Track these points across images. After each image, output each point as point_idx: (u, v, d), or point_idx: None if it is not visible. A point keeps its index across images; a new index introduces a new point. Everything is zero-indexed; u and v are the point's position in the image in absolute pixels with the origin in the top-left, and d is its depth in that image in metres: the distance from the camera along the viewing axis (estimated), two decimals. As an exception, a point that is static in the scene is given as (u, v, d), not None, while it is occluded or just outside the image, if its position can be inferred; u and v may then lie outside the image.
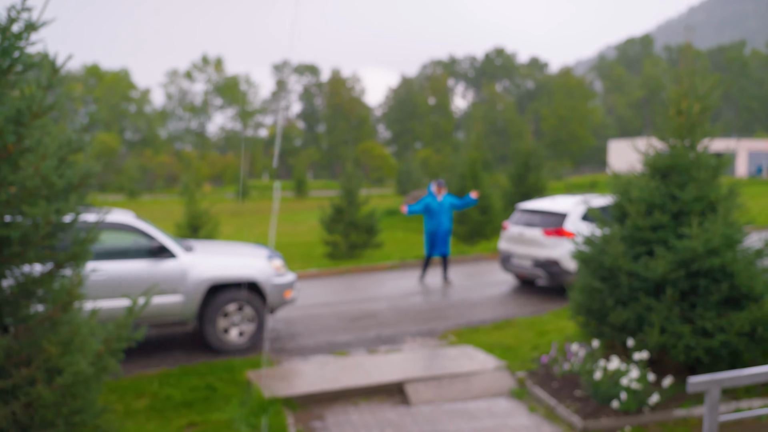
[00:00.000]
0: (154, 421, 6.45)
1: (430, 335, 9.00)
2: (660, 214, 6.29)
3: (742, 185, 7.24)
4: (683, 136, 6.58)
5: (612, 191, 6.89)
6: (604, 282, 6.64)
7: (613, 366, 6.17)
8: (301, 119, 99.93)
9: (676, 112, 6.66)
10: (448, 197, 12.29)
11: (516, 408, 6.49)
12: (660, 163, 6.55)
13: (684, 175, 6.44)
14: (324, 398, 6.70)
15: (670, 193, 6.42)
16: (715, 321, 6.03)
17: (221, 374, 7.52)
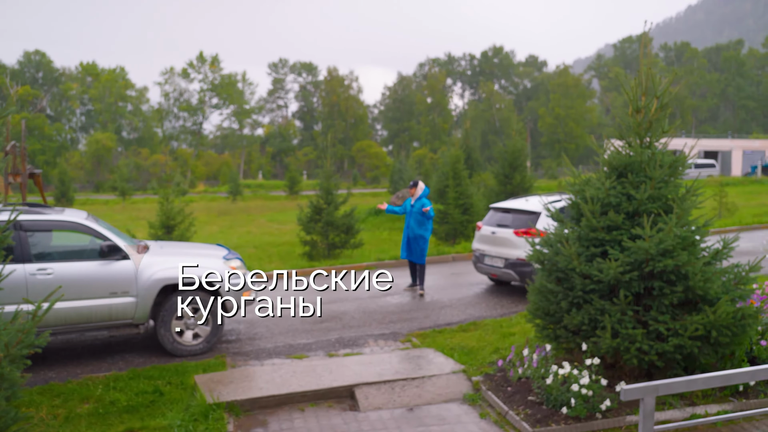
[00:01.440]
0: (95, 427, 6.26)
1: (393, 338, 8.81)
2: (614, 214, 6.08)
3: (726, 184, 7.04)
4: (641, 134, 6.37)
5: (570, 191, 6.69)
6: (559, 284, 6.44)
7: (564, 371, 5.98)
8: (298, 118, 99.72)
9: (634, 110, 6.45)
10: (420, 203, 11.16)
11: (467, 414, 6.29)
12: (616, 162, 6.35)
13: (640, 174, 6.23)
14: (270, 403, 6.49)
15: (626, 192, 6.21)
16: (670, 324, 5.82)
17: (171, 378, 7.33)
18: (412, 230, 11.14)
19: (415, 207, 11.15)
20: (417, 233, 11.10)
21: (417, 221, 11.10)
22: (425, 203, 11.12)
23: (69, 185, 43.80)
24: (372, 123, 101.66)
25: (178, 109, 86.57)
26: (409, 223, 11.20)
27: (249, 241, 19.77)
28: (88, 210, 29.90)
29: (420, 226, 11.09)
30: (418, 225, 11.10)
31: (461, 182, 17.13)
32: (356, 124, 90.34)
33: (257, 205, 35.78)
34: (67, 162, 72.88)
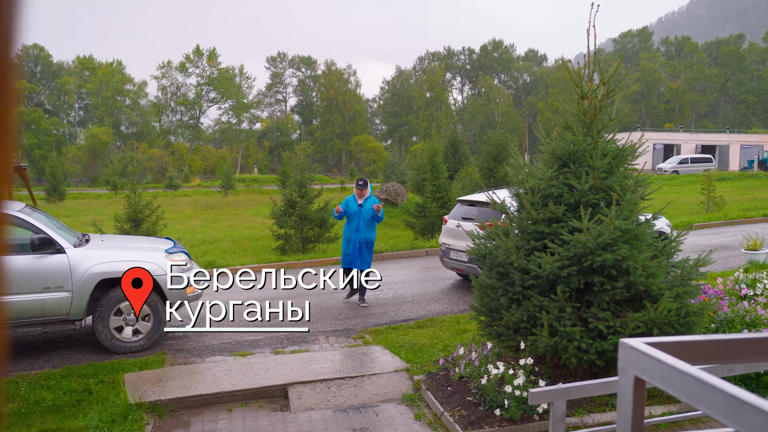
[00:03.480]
0: (14, 427, 5.98)
1: (346, 334, 8.52)
2: (554, 206, 5.77)
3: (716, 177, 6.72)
4: (586, 122, 6.05)
5: (513, 181, 6.38)
6: (500, 279, 6.14)
7: (498, 371, 5.68)
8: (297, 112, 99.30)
9: (579, 96, 6.13)
10: (370, 202, 9.96)
11: (402, 414, 5.99)
12: (559, 151, 6.04)
13: (583, 164, 5.92)
14: (197, 403, 6.21)
15: (568, 183, 5.90)
16: (611, 322, 5.52)
17: (105, 376, 7.06)
18: (362, 233, 9.85)
19: (365, 207, 9.90)
20: (369, 237, 9.90)
21: (367, 223, 9.89)
22: (376, 201, 10.04)
23: (60, 179, 43.48)
24: (371, 117, 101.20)
25: (175, 104, 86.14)
26: (358, 226, 9.85)
27: (228, 235, 19.46)
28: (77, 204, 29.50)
29: (370, 228, 9.94)
30: (369, 228, 9.92)
31: (439, 175, 16.79)
32: (354, 118, 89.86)
33: (246, 199, 35.46)
34: (64, 156, 72.68)
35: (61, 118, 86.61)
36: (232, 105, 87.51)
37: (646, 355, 1.85)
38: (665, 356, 1.84)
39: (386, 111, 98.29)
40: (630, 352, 1.91)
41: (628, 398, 1.88)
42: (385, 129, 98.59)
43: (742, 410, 1.43)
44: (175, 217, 26.17)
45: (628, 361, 1.90)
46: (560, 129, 6.27)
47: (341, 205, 9.98)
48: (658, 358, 1.81)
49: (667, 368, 1.78)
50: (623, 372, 1.94)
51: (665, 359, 1.80)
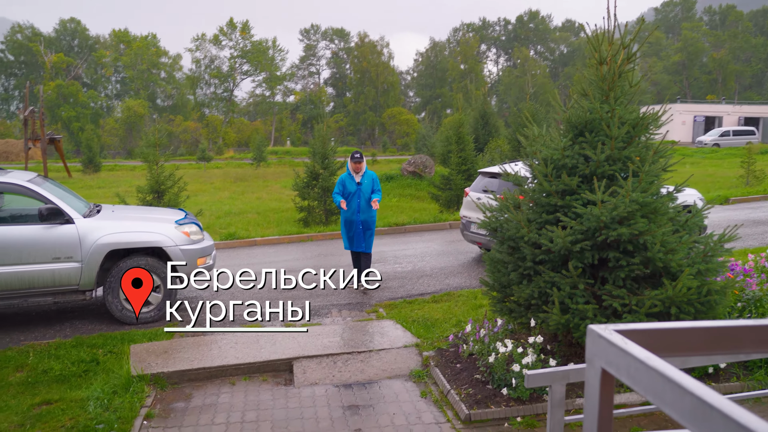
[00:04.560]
0: (20, 396, 5.98)
1: (360, 308, 8.36)
2: (568, 177, 5.46)
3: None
4: (604, 88, 5.70)
5: (526, 152, 6.08)
6: (511, 254, 5.88)
7: (506, 349, 5.45)
8: (330, 85, 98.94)
9: (597, 62, 5.77)
10: (368, 178, 9.08)
11: (408, 391, 5.82)
12: (575, 120, 5.70)
13: (600, 134, 5.58)
14: (200, 376, 6.12)
15: (583, 153, 5.58)
16: (626, 299, 5.23)
17: (114, 347, 7.03)
18: (363, 213, 8.98)
19: (365, 184, 9.02)
20: (369, 217, 9.04)
21: (367, 202, 9.00)
22: (375, 178, 9.18)
23: (96, 151, 44.04)
24: (404, 90, 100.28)
25: (209, 76, 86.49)
26: (359, 206, 8.96)
27: (254, 207, 19.40)
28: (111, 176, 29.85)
29: (370, 207, 9.03)
30: (369, 207, 9.01)
31: (465, 147, 16.41)
32: (387, 90, 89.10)
33: (277, 172, 35.40)
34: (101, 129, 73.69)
35: (99, 91, 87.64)
36: (265, 77, 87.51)
37: (613, 345, 1.60)
38: (633, 347, 1.58)
39: (420, 83, 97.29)
40: (597, 341, 1.66)
41: (595, 393, 1.64)
42: (419, 101, 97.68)
43: (709, 417, 1.19)
44: (205, 189, 26.28)
45: (595, 351, 1.66)
46: (577, 97, 5.93)
47: (337, 185, 9.15)
48: (625, 348, 1.56)
49: (634, 361, 1.53)
50: (590, 363, 1.69)
51: (632, 350, 1.55)
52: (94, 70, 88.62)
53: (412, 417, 5.30)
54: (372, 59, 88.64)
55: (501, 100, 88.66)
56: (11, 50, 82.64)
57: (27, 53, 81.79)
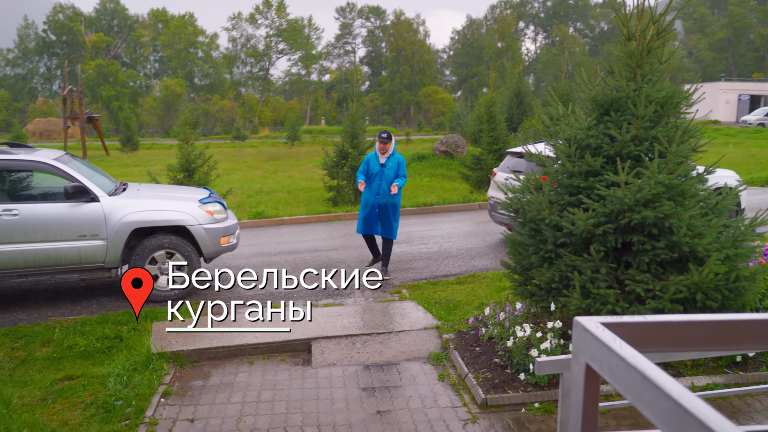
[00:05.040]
0: (45, 371, 6.09)
1: (383, 288, 8.31)
2: (591, 158, 5.29)
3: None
4: (631, 65, 5.48)
5: (550, 131, 5.91)
6: (533, 236, 5.75)
7: (525, 333, 5.35)
8: (365, 63, 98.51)
9: (626, 38, 5.55)
10: (393, 160, 8.59)
11: (425, 374, 5.76)
12: (601, 98, 5.51)
13: (626, 113, 5.38)
14: (219, 355, 6.16)
15: (608, 133, 5.39)
16: (650, 285, 5.07)
17: (138, 324, 7.10)
18: (384, 196, 8.50)
19: (389, 166, 8.54)
20: (391, 201, 8.55)
21: (390, 185, 8.51)
22: (401, 162, 8.67)
23: (134, 130, 44.66)
24: (440, 68, 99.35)
25: (245, 55, 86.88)
26: (380, 187, 8.48)
27: (285, 186, 19.46)
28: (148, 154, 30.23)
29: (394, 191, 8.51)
30: (391, 190, 8.49)
31: (496, 126, 16.15)
32: (423, 69, 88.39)
33: (310, 151, 35.44)
34: (140, 108, 74.75)
35: (138, 70, 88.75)
36: (301, 56, 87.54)
37: (597, 339, 1.50)
38: (617, 343, 1.48)
39: (456, 62, 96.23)
40: (583, 334, 1.56)
41: (579, 389, 1.54)
42: (455, 80, 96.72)
43: (684, 422, 1.09)
44: (238, 168, 26.46)
45: (580, 345, 1.55)
46: (604, 74, 5.72)
47: (362, 163, 8.72)
48: (608, 344, 1.46)
49: (615, 358, 1.43)
50: (575, 357, 1.60)
51: (614, 346, 1.44)
52: (133, 50, 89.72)
53: (428, 400, 5.24)
54: (408, 37, 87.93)
55: (538, 79, 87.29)
56: (53, 30, 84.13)
57: (68, 33, 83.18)
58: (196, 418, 4.98)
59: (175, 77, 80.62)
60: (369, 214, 8.58)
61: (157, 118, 75.78)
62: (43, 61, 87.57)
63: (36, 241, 7.29)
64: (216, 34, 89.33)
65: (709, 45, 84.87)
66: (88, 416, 5.06)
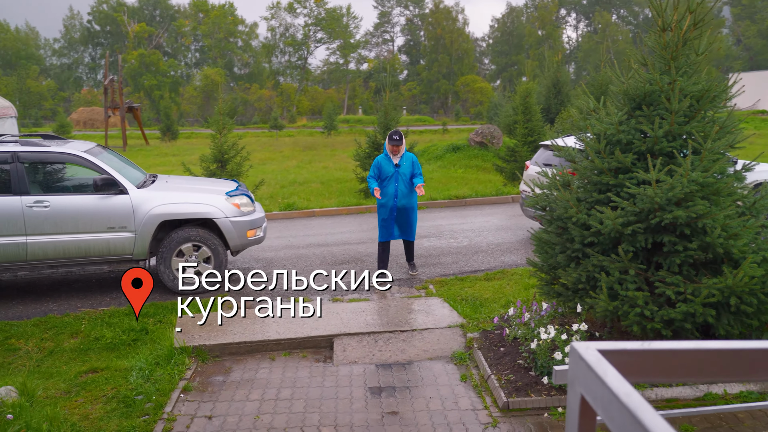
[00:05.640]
0: (72, 363, 6.17)
1: (410, 284, 8.21)
2: (621, 154, 5.09)
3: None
4: (666, 58, 5.25)
5: (579, 125, 5.71)
6: (560, 235, 5.57)
7: (549, 335, 5.19)
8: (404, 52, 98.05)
9: (661, 28, 5.32)
10: (408, 160, 8.09)
11: (447, 374, 5.65)
12: (633, 91, 5.29)
13: (659, 107, 5.16)
14: (241, 350, 6.14)
15: (640, 128, 5.18)
16: (681, 287, 4.86)
17: (164, 317, 7.17)
18: (403, 198, 8.06)
19: (403, 167, 8.03)
20: (409, 203, 8.13)
21: (408, 186, 8.07)
22: (415, 161, 8.17)
23: (174, 119, 45.25)
24: (479, 57, 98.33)
25: (284, 44, 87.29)
26: (397, 189, 8.01)
27: (319, 177, 19.47)
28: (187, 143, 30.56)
29: (411, 192, 8.12)
30: (410, 191, 8.10)
31: (531, 117, 15.84)
32: (461, 57, 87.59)
33: (346, 141, 35.43)
34: (181, 97, 75.77)
35: (179, 60, 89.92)
36: (339, 45, 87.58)
37: (591, 369, 1.37)
38: (611, 374, 1.35)
39: (495, 50, 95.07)
40: (578, 363, 1.43)
41: (574, 423, 1.42)
42: (494, 69, 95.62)
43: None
44: (273, 157, 26.61)
45: (576, 374, 1.43)
46: (638, 66, 5.50)
47: (372, 167, 8.18)
48: (601, 376, 1.33)
49: (608, 393, 1.30)
50: (571, 387, 1.47)
51: (608, 379, 1.31)
52: (174, 39, 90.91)
53: (449, 402, 5.13)
54: (446, 26, 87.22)
55: (579, 68, 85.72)
56: (98, 20, 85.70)
57: (112, 23, 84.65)
58: (214, 415, 4.96)
59: (214, 66, 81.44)
60: (390, 219, 8.16)
61: (197, 108, 76.71)
62: (87, 51, 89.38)
63: (66, 232, 7.37)
64: (255, 23, 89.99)
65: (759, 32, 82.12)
66: (108, 410, 5.09)
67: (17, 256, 7.35)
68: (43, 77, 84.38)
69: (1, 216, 7.21)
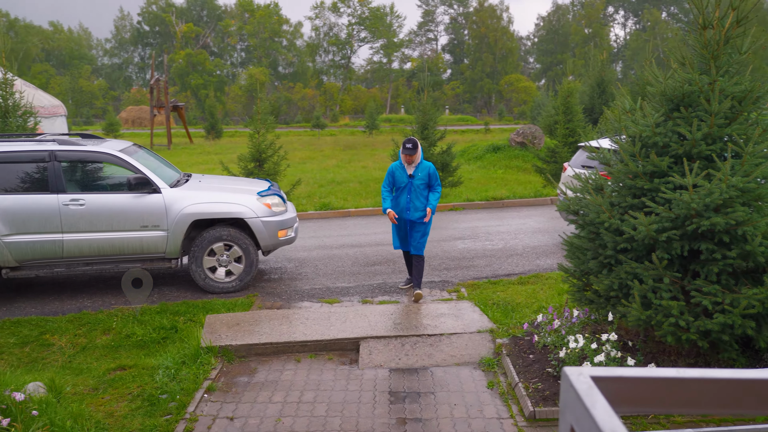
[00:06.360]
0: (102, 360, 6.25)
1: (441, 287, 8.09)
2: (657, 158, 4.89)
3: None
4: (706, 57, 5.02)
5: (614, 127, 5.52)
6: (592, 240, 5.39)
7: (577, 344, 5.02)
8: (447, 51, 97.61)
9: (701, 26, 5.09)
10: (423, 170, 7.37)
11: (474, 381, 5.53)
12: (671, 92, 5.08)
13: (698, 109, 4.94)
14: (267, 351, 6.12)
15: (677, 130, 4.97)
16: (719, 297, 4.64)
17: (194, 315, 7.20)
18: (415, 212, 7.36)
19: (418, 177, 7.35)
20: (422, 217, 7.40)
21: (421, 199, 7.40)
22: (432, 172, 7.42)
23: (218, 118, 45.89)
24: (523, 56, 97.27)
25: (327, 44, 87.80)
26: (409, 202, 7.36)
27: (357, 176, 19.44)
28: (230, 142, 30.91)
29: (425, 205, 7.43)
30: (423, 205, 7.41)
31: (573, 118, 15.51)
32: (505, 56, 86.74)
33: (387, 140, 35.34)
34: (227, 96, 76.91)
35: (225, 59, 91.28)
36: (382, 44, 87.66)
37: (581, 400, 1.27)
38: (599, 407, 1.25)
39: (540, 49, 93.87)
40: (569, 390, 1.32)
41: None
42: (539, 68, 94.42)
43: None
44: (313, 156, 26.72)
45: (566, 402, 1.32)
46: (677, 65, 5.28)
47: (386, 176, 7.51)
48: (588, 407, 1.23)
49: (594, 427, 1.20)
50: (562, 416, 1.37)
51: (596, 413, 1.21)
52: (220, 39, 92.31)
53: (473, 409, 5.01)
54: (491, 24, 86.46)
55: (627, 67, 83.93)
56: (147, 21, 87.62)
57: (161, 24, 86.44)
58: (236, 416, 4.94)
59: (259, 66, 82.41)
60: (400, 230, 7.58)
61: (242, 106, 77.77)
62: (137, 51, 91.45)
63: (101, 230, 7.48)
64: (300, 23, 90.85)
65: None
66: (133, 408, 5.12)
67: (54, 252, 7.49)
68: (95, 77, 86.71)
69: (39, 214, 7.35)
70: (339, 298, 7.66)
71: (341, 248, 10.19)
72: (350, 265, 9.14)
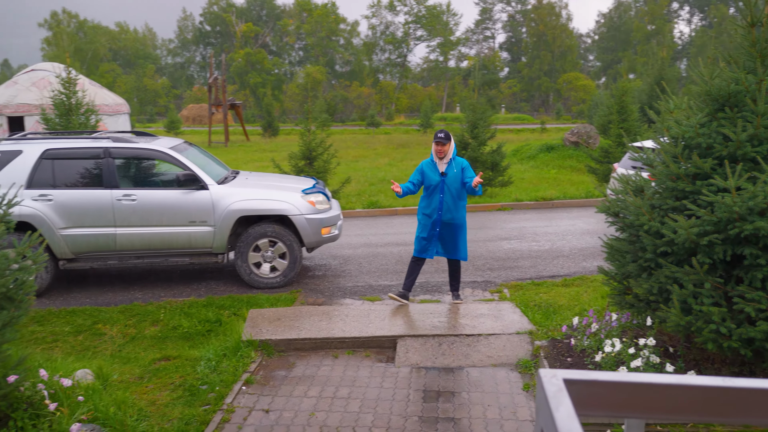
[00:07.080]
0: (150, 350, 6.47)
1: (484, 287, 8.07)
2: (699, 159, 4.76)
3: None
4: (754, 55, 4.86)
5: (655, 128, 5.40)
6: (632, 243, 5.29)
7: (614, 348, 4.94)
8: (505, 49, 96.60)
9: (749, 23, 4.93)
10: (458, 167, 6.88)
11: (510, 383, 5.50)
12: (716, 92, 4.93)
13: (744, 109, 4.79)
14: (306, 346, 6.23)
15: (722, 131, 4.82)
16: (762, 304, 4.49)
17: (238, 309, 7.37)
18: (448, 213, 6.88)
19: (451, 175, 6.84)
20: (457, 218, 6.94)
21: (455, 197, 6.90)
22: (466, 166, 6.93)
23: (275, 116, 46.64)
24: (583, 53, 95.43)
25: (384, 42, 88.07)
26: (441, 203, 6.86)
27: (408, 175, 19.38)
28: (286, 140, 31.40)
29: (459, 203, 6.96)
30: (457, 203, 6.93)
31: (628, 117, 15.16)
32: (564, 54, 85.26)
33: (440, 139, 35.41)
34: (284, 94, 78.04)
35: (283, 58, 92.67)
36: (439, 42, 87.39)
37: (547, 401, 1.30)
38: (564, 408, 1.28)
39: (600, 46, 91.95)
40: (540, 392, 1.36)
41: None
42: (599, 66, 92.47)
43: None
44: (366, 155, 26.89)
45: (539, 404, 1.35)
46: (723, 64, 5.13)
47: (414, 173, 7.03)
48: (552, 409, 1.26)
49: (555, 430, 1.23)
50: (536, 418, 1.41)
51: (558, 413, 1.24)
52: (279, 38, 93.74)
53: (507, 411, 4.99)
54: (549, 22, 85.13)
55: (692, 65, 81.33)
56: (208, 21, 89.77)
57: (221, 23, 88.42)
58: (271, 409, 5.06)
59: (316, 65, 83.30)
60: (429, 233, 7.00)
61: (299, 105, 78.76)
62: (199, 51, 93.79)
63: (151, 225, 7.74)
64: (356, 21, 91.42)
65: None
66: (174, 398, 5.30)
67: (107, 246, 7.79)
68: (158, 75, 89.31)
69: (94, 208, 7.66)
70: (380, 296, 7.72)
71: (386, 246, 10.25)
72: (394, 263, 9.19)
